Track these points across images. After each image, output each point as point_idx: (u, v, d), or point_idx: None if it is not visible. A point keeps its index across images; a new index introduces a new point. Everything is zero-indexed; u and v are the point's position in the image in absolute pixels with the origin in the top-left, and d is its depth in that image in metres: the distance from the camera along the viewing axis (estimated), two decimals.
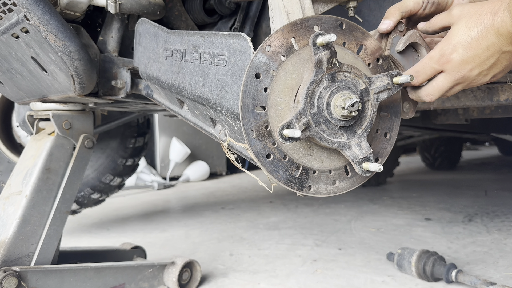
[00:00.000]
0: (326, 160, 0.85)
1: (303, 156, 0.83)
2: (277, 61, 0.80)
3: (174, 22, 1.55)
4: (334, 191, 0.86)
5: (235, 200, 3.93)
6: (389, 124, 0.92)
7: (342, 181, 0.87)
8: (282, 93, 0.80)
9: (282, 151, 0.81)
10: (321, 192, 0.85)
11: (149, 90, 1.49)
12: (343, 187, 0.87)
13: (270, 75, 0.79)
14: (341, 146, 0.80)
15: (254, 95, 0.78)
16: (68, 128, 1.61)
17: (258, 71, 0.78)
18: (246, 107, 0.78)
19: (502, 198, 3.58)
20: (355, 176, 0.89)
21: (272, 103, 0.80)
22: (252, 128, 0.78)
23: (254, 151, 0.79)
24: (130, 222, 3.18)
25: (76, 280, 1.46)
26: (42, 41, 1.25)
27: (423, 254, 1.77)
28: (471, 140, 6.95)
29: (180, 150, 5.37)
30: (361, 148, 0.80)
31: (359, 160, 0.80)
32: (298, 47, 0.81)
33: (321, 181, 0.85)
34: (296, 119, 0.77)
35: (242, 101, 0.77)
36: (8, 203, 1.50)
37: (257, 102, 0.78)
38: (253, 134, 0.79)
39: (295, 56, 0.81)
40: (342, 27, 0.85)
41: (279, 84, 0.80)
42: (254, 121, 0.78)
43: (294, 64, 0.81)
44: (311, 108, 0.78)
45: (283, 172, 0.81)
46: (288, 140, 0.77)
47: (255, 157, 0.79)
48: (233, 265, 2.07)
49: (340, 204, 3.51)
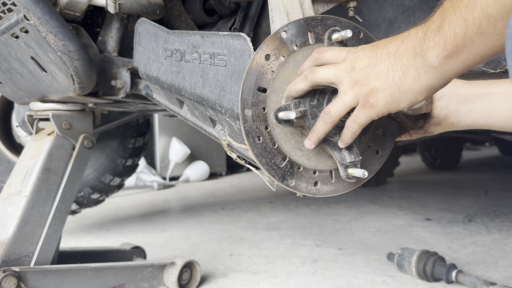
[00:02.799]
0: (313, 158, 0.83)
1: (292, 148, 0.82)
2: (289, 49, 0.80)
3: (174, 22, 1.55)
4: (313, 192, 0.84)
5: (235, 200, 3.93)
6: (382, 143, 0.90)
7: (324, 185, 0.85)
8: (287, 81, 0.80)
9: (273, 138, 0.80)
10: (300, 189, 0.83)
11: (148, 90, 1.48)
12: (323, 191, 0.85)
13: (280, 60, 0.79)
14: (331, 145, 0.79)
15: (259, 74, 0.78)
16: (68, 128, 1.61)
17: (268, 53, 0.78)
18: (248, 83, 0.77)
19: (502, 198, 3.58)
20: (338, 183, 0.86)
21: (275, 88, 0.80)
22: (248, 106, 0.78)
23: (246, 129, 0.78)
24: (130, 222, 3.17)
25: (76, 280, 1.46)
26: (42, 41, 1.25)
27: (423, 254, 1.77)
28: (471, 140, 6.94)
29: (180, 150, 5.37)
30: (351, 153, 0.78)
31: (346, 163, 0.78)
32: (313, 41, 0.82)
33: (303, 178, 0.83)
34: (294, 104, 0.76)
35: (246, 77, 0.77)
36: (7, 203, 1.50)
37: (260, 82, 0.78)
38: (248, 112, 0.78)
39: (308, 49, 0.82)
40: (359, 36, 0.85)
41: (286, 72, 0.80)
42: (253, 99, 0.78)
43: (304, 57, 0.81)
44: (311, 100, 0.77)
45: (269, 158, 0.80)
46: (282, 123, 0.76)
47: (245, 136, 0.78)
48: (233, 265, 2.07)
49: (340, 204, 3.51)
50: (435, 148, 5.46)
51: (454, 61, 0.61)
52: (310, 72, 0.74)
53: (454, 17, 0.58)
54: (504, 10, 0.52)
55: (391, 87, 0.67)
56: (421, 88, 0.66)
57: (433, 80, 0.65)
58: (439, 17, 0.61)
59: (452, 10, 0.58)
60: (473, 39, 0.57)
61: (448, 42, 0.60)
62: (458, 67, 0.62)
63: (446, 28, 0.59)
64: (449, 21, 0.59)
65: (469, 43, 0.58)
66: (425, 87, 0.65)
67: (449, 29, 0.59)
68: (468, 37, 0.57)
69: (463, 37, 0.58)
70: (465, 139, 5.87)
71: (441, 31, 0.60)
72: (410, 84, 0.66)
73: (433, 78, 0.64)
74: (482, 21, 0.55)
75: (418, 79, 0.65)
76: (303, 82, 0.75)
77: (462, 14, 0.57)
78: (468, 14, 0.56)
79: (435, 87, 0.66)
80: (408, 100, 0.67)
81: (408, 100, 0.67)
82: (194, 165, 5.56)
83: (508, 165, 6.12)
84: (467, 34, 0.57)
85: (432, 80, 0.65)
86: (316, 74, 0.73)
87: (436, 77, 0.64)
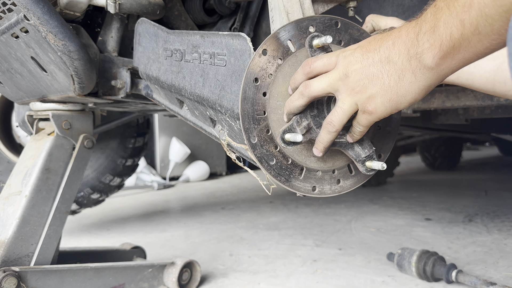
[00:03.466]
0: (329, 160, 0.84)
1: (306, 157, 0.82)
2: (274, 65, 0.79)
3: (174, 22, 1.55)
4: (339, 190, 0.85)
5: (235, 200, 3.93)
6: (388, 120, 0.90)
7: (346, 179, 0.87)
8: (281, 96, 0.80)
9: (285, 155, 0.81)
10: (326, 192, 0.84)
11: (148, 90, 1.48)
12: (347, 186, 0.87)
13: (268, 79, 0.79)
14: (343, 147, 0.79)
15: (254, 100, 0.78)
16: (68, 128, 1.61)
17: (256, 76, 0.78)
18: (246, 113, 0.78)
19: (502, 198, 3.58)
20: (358, 174, 0.88)
21: (272, 107, 0.79)
22: (253, 134, 0.78)
23: (257, 156, 0.79)
24: (130, 222, 3.17)
25: (76, 280, 1.46)
26: (42, 41, 1.25)
27: (423, 254, 1.77)
28: (471, 140, 6.95)
29: (180, 150, 5.37)
30: (364, 147, 0.79)
31: (362, 159, 0.79)
32: (294, 49, 0.80)
33: (325, 181, 0.84)
34: (296, 122, 0.76)
35: (241, 107, 0.77)
36: (7, 203, 1.50)
37: (256, 107, 0.78)
38: (254, 140, 0.78)
39: (292, 58, 0.80)
40: (337, 26, 0.84)
41: (278, 88, 0.80)
42: (255, 126, 0.78)
43: (291, 67, 0.80)
44: (311, 111, 0.77)
45: (287, 175, 0.81)
46: (290, 145, 0.77)
47: (259, 162, 0.79)
48: (233, 265, 2.07)
49: (340, 204, 3.51)
50: (435, 148, 5.46)
51: (450, 60, 0.61)
52: (305, 88, 0.74)
53: (449, 17, 0.58)
54: (502, 10, 0.52)
55: (388, 92, 0.67)
56: (418, 89, 0.66)
57: (430, 80, 0.65)
58: (432, 17, 0.61)
59: (447, 10, 0.58)
60: (470, 39, 0.57)
61: (444, 43, 0.60)
62: (454, 65, 0.62)
63: (441, 28, 0.59)
64: (444, 22, 0.59)
65: (465, 43, 0.58)
66: (422, 87, 0.66)
67: (444, 29, 0.59)
68: (465, 37, 0.57)
69: (459, 38, 0.58)
70: (465, 139, 5.88)
71: (436, 31, 0.60)
72: (407, 87, 0.66)
73: (430, 78, 0.65)
74: (479, 21, 0.55)
75: (415, 81, 0.65)
76: (300, 98, 0.75)
77: (458, 15, 0.57)
78: (465, 14, 0.56)
79: (432, 86, 0.66)
80: (407, 101, 0.68)
81: (407, 102, 0.68)
82: (194, 165, 5.56)
83: (508, 165, 6.12)
84: (463, 35, 0.57)
85: (429, 81, 0.65)
86: (311, 89, 0.73)
87: (433, 77, 0.64)
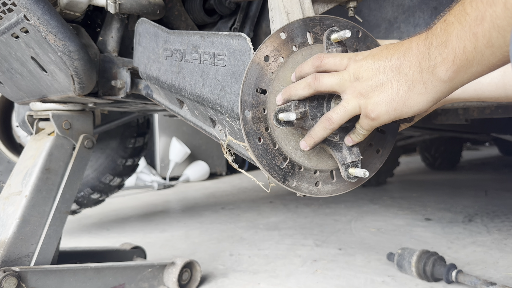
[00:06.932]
0: (314, 159, 0.84)
1: (293, 149, 0.82)
2: (289, 50, 0.80)
3: (174, 22, 1.55)
4: (315, 193, 0.84)
5: (235, 200, 3.93)
6: (383, 142, 0.90)
7: (326, 184, 0.85)
8: (286, 82, 0.80)
9: (273, 139, 0.80)
10: (301, 190, 0.83)
11: (148, 90, 1.48)
12: (325, 191, 0.85)
13: (279, 61, 0.80)
14: (332, 146, 0.79)
15: (259, 75, 0.78)
16: (68, 128, 1.61)
17: (267, 54, 0.79)
18: (248, 85, 0.78)
19: (502, 198, 3.58)
20: (339, 183, 0.86)
21: (275, 89, 0.80)
22: (248, 107, 0.78)
23: (246, 130, 0.78)
24: (130, 222, 3.17)
25: (76, 280, 1.46)
26: (42, 41, 1.25)
27: (423, 254, 1.77)
28: (471, 140, 6.94)
29: (180, 150, 5.37)
30: (351, 153, 0.78)
31: (347, 163, 0.78)
32: (311, 42, 0.82)
33: (304, 179, 0.83)
34: (294, 105, 0.76)
35: (245, 78, 0.77)
36: (8, 203, 1.50)
37: (259, 83, 0.78)
38: (248, 114, 0.78)
39: (306, 49, 0.82)
40: (358, 35, 0.85)
41: (286, 73, 0.80)
42: (252, 100, 0.78)
43: (304, 57, 0.81)
44: (311, 100, 0.77)
45: (270, 159, 0.80)
46: (282, 124, 0.77)
47: (246, 137, 0.78)
48: (233, 265, 2.07)
49: (340, 204, 3.51)
50: (435, 148, 5.46)
51: (463, 74, 0.62)
52: (314, 80, 0.74)
53: (462, 31, 0.58)
54: None
55: (395, 101, 0.68)
56: (427, 100, 0.67)
57: (440, 92, 0.65)
58: (443, 31, 0.61)
59: (458, 25, 0.59)
60: (483, 52, 0.57)
61: (457, 57, 0.60)
62: (466, 79, 0.63)
63: (454, 42, 0.60)
64: (457, 36, 0.59)
65: (479, 56, 0.58)
66: (431, 99, 0.66)
67: (457, 43, 0.59)
68: (478, 50, 0.58)
69: (472, 51, 0.58)
70: (465, 139, 5.87)
71: (448, 45, 0.60)
72: (416, 98, 0.67)
73: (441, 91, 0.65)
74: (492, 33, 0.55)
75: (425, 93, 0.66)
76: (306, 89, 0.75)
77: (471, 28, 0.57)
78: (477, 27, 0.56)
79: (441, 98, 0.67)
80: (413, 111, 0.68)
81: (413, 112, 0.68)
82: (194, 165, 5.56)
83: (508, 165, 6.12)
84: (477, 48, 0.57)
85: (439, 93, 0.66)
86: (320, 83, 0.74)
87: (444, 90, 0.65)
